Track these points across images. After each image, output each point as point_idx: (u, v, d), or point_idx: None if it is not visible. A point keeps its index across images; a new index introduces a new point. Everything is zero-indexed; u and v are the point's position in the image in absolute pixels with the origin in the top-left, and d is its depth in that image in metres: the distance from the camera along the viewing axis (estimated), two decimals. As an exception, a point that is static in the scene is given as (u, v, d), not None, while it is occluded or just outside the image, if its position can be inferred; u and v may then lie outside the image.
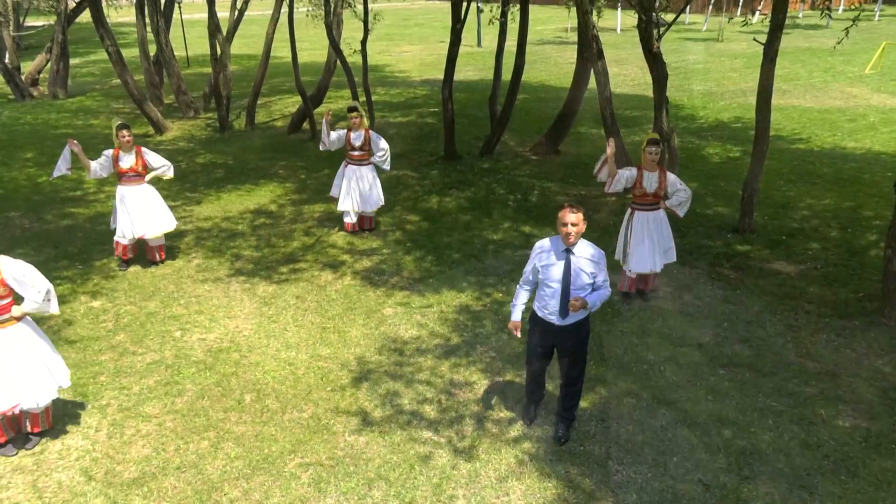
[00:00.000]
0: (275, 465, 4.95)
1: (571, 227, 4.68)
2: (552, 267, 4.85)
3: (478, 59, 25.03)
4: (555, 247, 4.88)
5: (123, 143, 7.73)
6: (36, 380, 5.01)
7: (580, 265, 4.79)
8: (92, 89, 20.74)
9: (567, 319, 4.90)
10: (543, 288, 4.93)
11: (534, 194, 10.67)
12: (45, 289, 4.99)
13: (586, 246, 4.87)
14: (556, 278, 4.83)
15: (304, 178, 11.67)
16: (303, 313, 7.11)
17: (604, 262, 4.91)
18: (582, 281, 4.80)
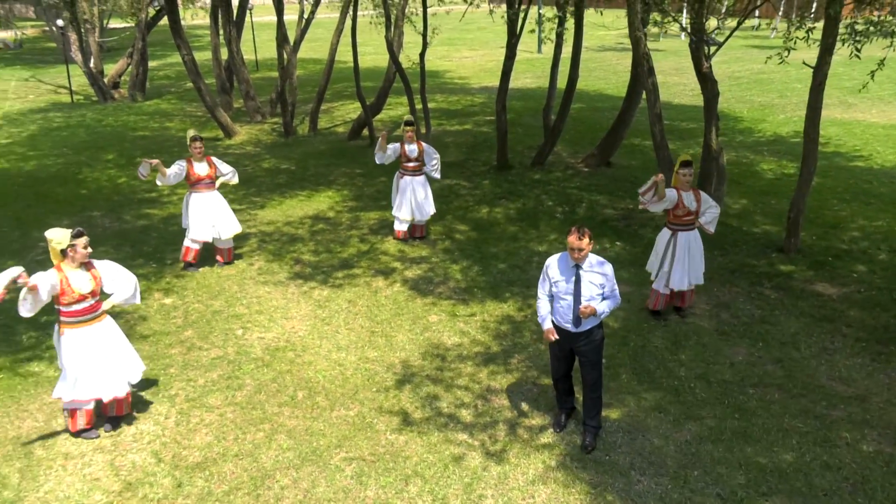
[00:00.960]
0: (322, 457, 5.43)
1: (578, 252, 5.11)
2: (563, 282, 5.27)
3: (537, 65, 25.23)
4: (565, 263, 5.30)
5: (196, 153, 8.37)
6: (125, 363, 5.66)
7: (589, 279, 5.21)
8: (168, 92, 21.93)
9: (581, 326, 5.29)
10: (557, 300, 5.36)
11: (582, 207, 10.93)
12: (134, 281, 5.69)
13: (595, 260, 5.29)
14: (567, 291, 5.25)
15: (361, 185, 12.22)
16: (354, 317, 7.61)
17: (611, 272, 5.32)
18: (592, 292, 5.22)
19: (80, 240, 5.32)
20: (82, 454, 5.50)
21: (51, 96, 21.48)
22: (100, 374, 5.51)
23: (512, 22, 11.81)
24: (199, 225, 8.53)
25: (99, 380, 5.51)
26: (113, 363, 5.58)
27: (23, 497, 5.06)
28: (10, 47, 33.94)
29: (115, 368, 5.59)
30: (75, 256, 5.33)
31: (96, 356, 5.50)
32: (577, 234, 5.10)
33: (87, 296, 5.37)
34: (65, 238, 5.27)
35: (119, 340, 5.73)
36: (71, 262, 5.35)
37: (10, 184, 12.48)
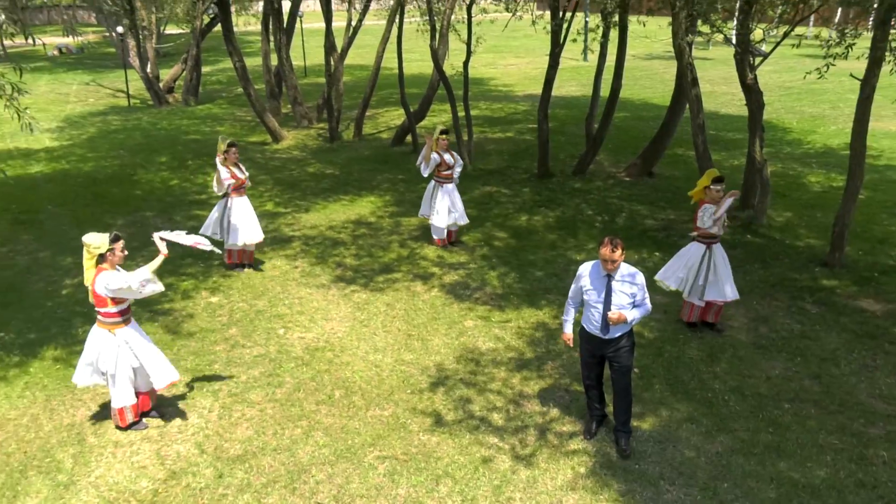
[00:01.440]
0: (356, 455, 5.60)
1: (611, 263, 5.18)
2: (594, 290, 5.35)
3: (582, 73, 25.16)
4: (597, 271, 5.38)
5: (234, 158, 8.63)
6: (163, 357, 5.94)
7: (620, 288, 5.27)
8: (219, 97, 22.60)
9: (610, 333, 5.34)
10: (588, 308, 5.43)
11: (621, 217, 10.92)
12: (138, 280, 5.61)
13: (627, 269, 5.35)
14: (598, 300, 5.32)
15: (403, 191, 12.44)
16: (391, 320, 7.78)
17: (643, 281, 5.36)
18: (623, 300, 5.28)
19: (118, 244, 5.56)
20: (131, 443, 5.78)
21: (109, 100, 22.37)
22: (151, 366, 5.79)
23: (555, 32, 11.88)
24: (240, 229, 8.78)
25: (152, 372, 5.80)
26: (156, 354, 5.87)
27: (75, 481, 5.36)
28: (72, 52, 35.41)
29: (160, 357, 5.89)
30: (114, 260, 5.58)
31: (146, 349, 5.78)
32: (611, 245, 5.17)
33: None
34: (104, 242, 5.49)
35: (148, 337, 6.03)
36: (109, 266, 5.60)
37: (70, 184, 13.08)
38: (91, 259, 5.54)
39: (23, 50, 36.96)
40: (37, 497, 5.21)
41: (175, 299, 8.32)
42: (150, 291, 5.60)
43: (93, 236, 5.51)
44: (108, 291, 5.51)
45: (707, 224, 6.96)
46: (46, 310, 8.12)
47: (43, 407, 6.28)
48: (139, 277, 5.49)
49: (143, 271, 5.52)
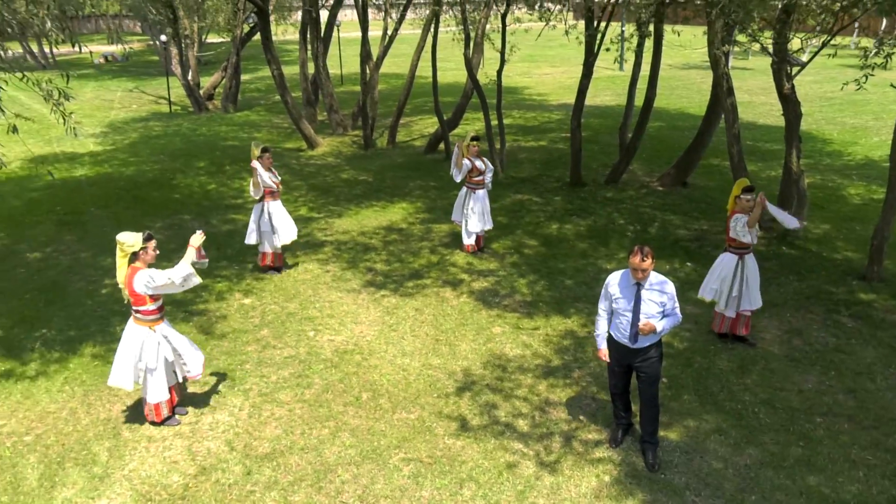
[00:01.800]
0: (382, 456, 5.66)
1: (641, 272, 5.15)
2: (623, 299, 5.32)
3: (618, 83, 25.03)
4: (626, 280, 5.35)
5: (268, 163, 8.79)
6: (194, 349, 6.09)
7: (650, 297, 5.23)
8: (257, 104, 23.04)
9: (639, 343, 5.31)
10: (617, 316, 5.41)
11: (654, 226, 10.84)
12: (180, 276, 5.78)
13: (657, 278, 5.31)
14: (627, 308, 5.29)
15: (435, 198, 12.52)
16: (420, 325, 7.85)
17: (673, 291, 5.32)
18: (652, 309, 5.25)
19: (150, 243, 5.72)
20: (164, 438, 5.93)
21: (151, 106, 22.97)
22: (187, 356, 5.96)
23: (588, 42, 11.88)
24: (279, 231, 8.96)
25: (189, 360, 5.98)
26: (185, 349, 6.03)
27: (110, 473, 5.52)
28: (117, 60, 36.44)
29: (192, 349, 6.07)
30: (146, 259, 5.74)
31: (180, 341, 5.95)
32: (640, 255, 5.15)
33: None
34: (137, 241, 5.66)
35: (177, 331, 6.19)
36: (142, 264, 5.76)
37: (112, 187, 13.46)
38: (124, 257, 5.71)
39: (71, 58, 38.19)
40: (73, 488, 5.37)
41: (209, 300, 8.50)
42: (191, 284, 5.76)
43: (127, 235, 5.68)
44: (150, 289, 5.68)
45: (740, 234, 6.88)
46: (86, 308, 8.37)
47: (81, 401, 6.48)
48: (181, 273, 5.65)
49: (183, 266, 5.67)
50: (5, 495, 5.31)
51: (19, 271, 9.51)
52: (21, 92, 22.38)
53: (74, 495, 5.30)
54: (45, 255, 10.02)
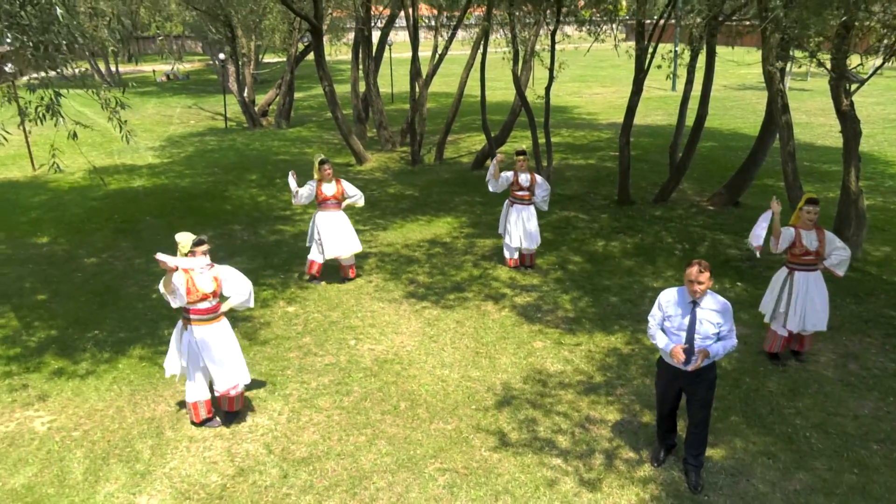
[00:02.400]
0: (417, 465, 5.62)
1: (698, 285, 4.95)
2: (678, 317, 5.12)
3: (669, 103, 24.73)
4: (681, 298, 5.15)
5: (325, 175, 8.96)
6: (239, 365, 6.14)
7: (706, 317, 5.02)
8: (309, 121, 23.52)
9: (692, 364, 5.10)
10: (669, 336, 5.20)
11: (703, 245, 10.59)
12: (249, 287, 6.17)
13: (712, 298, 5.09)
14: (681, 327, 5.10)
15: (480, 213, 12.52)
16: (460, 337, 7.81)
17: (730, 313, 5.10)
18: (707, 331, 5.03)
19: (199, 247, 5.84)
20: (204, 439, 6.02)
21: (208, 122, 23.68)
22: (216, 370, 6.00)
23: (639, 57, 11.77)
24: (324, 242, 9.09)
25: (215, 375, 6.02)
26: (227, 361, 6.04)
27: (151, 471, 5.62)
28: (178, 78, 37.79)
29: (228, 366, 6.04)
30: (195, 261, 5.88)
31: (215, 353, 6.00)
32: (698, 266, 4.96)
33: (209, 295, 5.90)
34: (187, 244, 5.83)
35: (234, 341, 6.18)
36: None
37: (167, 197, 13.88)
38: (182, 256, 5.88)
39: (135, 76, 39.73)
40: (115, 483, 5.49)
41: (254, 307, 8.61)
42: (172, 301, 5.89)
43: (183, 235, 5.88)
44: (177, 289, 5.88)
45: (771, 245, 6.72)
46: (137, 311, 8.60)
47: (127, 400, 6.64)
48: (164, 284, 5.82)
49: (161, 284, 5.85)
50: (52, 487, 5.45)
51: (77, 275, 9.85)
52: (87, 107, 23.41)
53: (116, 490, 5.41)
54: (101, 261, 10.36)
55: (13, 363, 7.36)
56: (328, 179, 9.02)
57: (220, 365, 6.01)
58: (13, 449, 5.92)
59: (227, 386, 6.04)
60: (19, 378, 7.06)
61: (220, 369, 6.00)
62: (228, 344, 6.10)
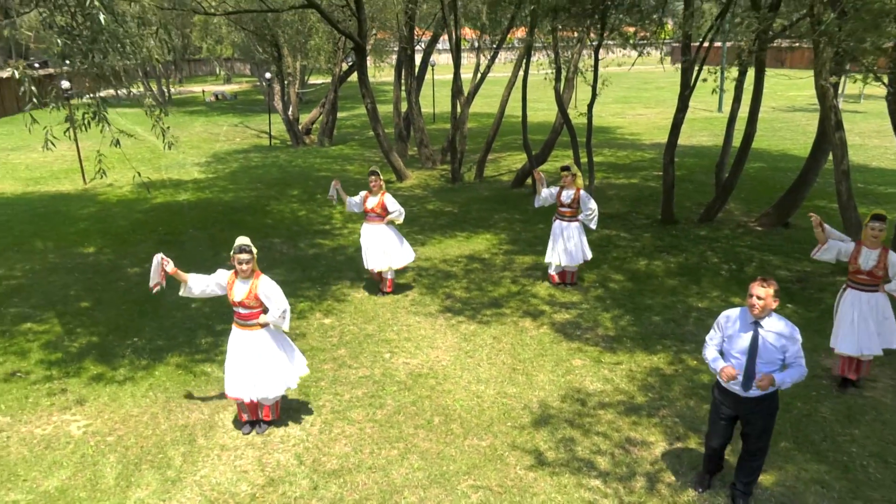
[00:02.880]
0: (450, 481, 5.45)
1: (757, 301, 4.67)
2: (738, 338, 4.84)
3: (715, 124, 24.29)
4: (743, 318, 4.86)
5: (371, 187, 8.95)
6: (270, 377, 6.06)
7: (768, 339, 4.72)
8: (351, 139, 23.77)
9: (751, 391, 4.82)
10: (728, 358, 4.91)
11: (751, 266, 10.23)
12: (283, 308, 5.93)
13: (778, 321, 4.78)
14: (741, 350, 4.81)
15: (519, 230, 12.37)
16: (497, 353, 7.64)
17: (797, 338, 4.77)
18: (770, 356, 4.72)
19: (238, 255, 5.80)
20: (236, 447, 5.96)
21: (253, 140, 24.13)
22: (247, 377, 5.96)
23: (685, 73, 11.54)
24: (370, 254, 9.06)
25: (246, 382, 5.97)
26: (260, 370, 5.97)
27: (182, 478, 5.57)
28: (226, 98, 38.74)
29: (261, 375, 5.97)
30: (236, 268, 5.87)
31: (246, 360, 5.96)
32: (761, 281, 4.68)
33: (237, 303, 5.87)
34: (234, 249, 5.82)
35: (270, 354, 6.04)
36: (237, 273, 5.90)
37: (210, 211, 14.09)
38: None
39: (185, 96, 40.90)
40: (147, 489, 5.45)
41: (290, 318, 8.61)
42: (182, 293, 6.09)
43: (239, 239, 5.84)
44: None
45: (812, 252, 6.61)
46: (176, 320, 8.66)
47: (162, 407, 6.64)
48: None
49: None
50: (84, 491, 5.44)
51: (119, 284, 10.00)
52: (138, 125, 24.10)
53: (147, 496, 5.37)
54: (143, 271, 10.50)
55: (54, 367, 7.46)
56: (374, 192, 9.00)
57: (251, 372, 5.98)
58: (48, 452, 5.95)
59: (258, 395, 6.00)
60: (59, 382, 7.14)
61: (251, 376, 5.97)
62: (263, 355, 6.03)
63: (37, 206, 14.80)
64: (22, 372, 7.37)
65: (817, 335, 7.61)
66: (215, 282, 5.95)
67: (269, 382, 6.02)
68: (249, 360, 5.98)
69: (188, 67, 58.57)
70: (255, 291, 5.89)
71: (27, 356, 7.74)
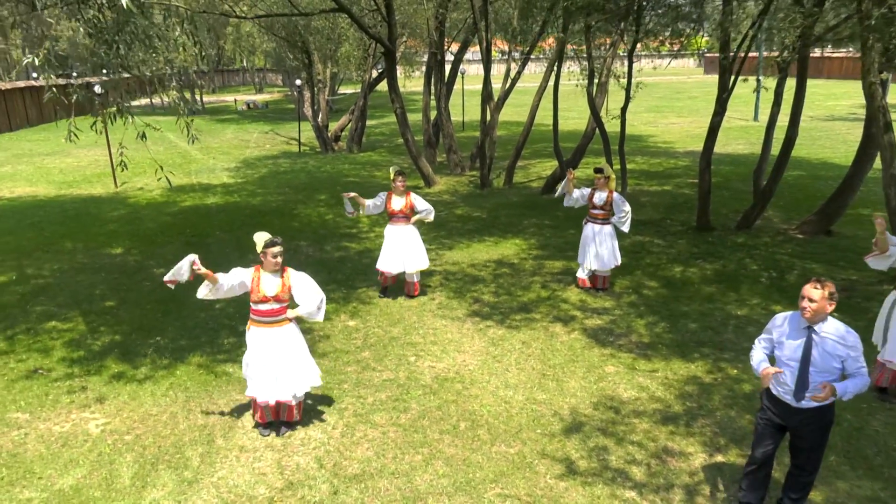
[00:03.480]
0: (476, 489, 5.18)
1: (809, 304, 4.33)
2: (790, 344, 4.50)
3: (751, 132, 23.76)
4: (796, 322, 4.51)
5: (399, 187, 8.76)
6: (297, 375, 5.88)
7: (824, 346, 4.37)
8: (380, 147, 23.72)
9: (804, 402, 4.47)
10: (780, 366, 4.56)
11: (793, 274, 9.81)
12: (320, 298, 5.87)
13: (836, 326, 4.42)
14: (793, 356, 4.47)
15: (549, 235, 12.08)
16: (526, 358, 7.36)
17: (859, 346, 4.41)
18: (826, 364, 4.37)
19: (270, 249, 5.65)
20: (255, 449, 5.76)
21: (283, 146, 24.21)
22: (272, 377, 5.78)
23: (723, 76, 11.18)
24: (388, 256, 8.88)
25: (271, 381, 5.80)
26: (285, 369, 5.81)
27: (199, 479, 5.39)
28: (258, 107, 39.12)
29: (286, 374, 5.81)
30: (266, 263, 5.70)
31: (275, 358, 5.78)
32: (815, 282, 4.32)
33: (270, 299, 5.70)
34: (260, 244, 5.66)
35: (297, 350, 5.92)
36: (264, 268, 5.73)
37: (238, 214, 14.05)
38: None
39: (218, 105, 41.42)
40: (163, 490, 5.27)
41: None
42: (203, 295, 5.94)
43: (259, 235, 5.71)
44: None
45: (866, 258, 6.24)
46: (199, 320, 8.54)
47: (182, 406, 6.48)
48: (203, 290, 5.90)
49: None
50: (99, 490, 5.28)
51: (145, 284, 9.94)
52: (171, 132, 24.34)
53: (163, 497, 5.19)
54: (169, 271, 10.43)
55: (76, 365, 7.36)
56: (399, 192, 8.82)
57: (280, 370, 5.81)
58: (65, 449, 5.82)
59: (283, 395, 5.81)
60: (80, 380, 7.04)
61: (279, 375, 5.80)
62: (292, 350, 5.88)
63: (68, 208, 14.92)
64: (44, 369, 7.29)
65: (865, 345, 7.18)
66: (239, 280, 5.79)
67: (299, 378, 5.89)
68: (278, 358, 5.82)
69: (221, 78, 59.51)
70: (287, 283, 5.74)
71: (50, 354, 7.66)
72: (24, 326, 8.45)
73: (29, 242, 12.26)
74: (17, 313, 8.90)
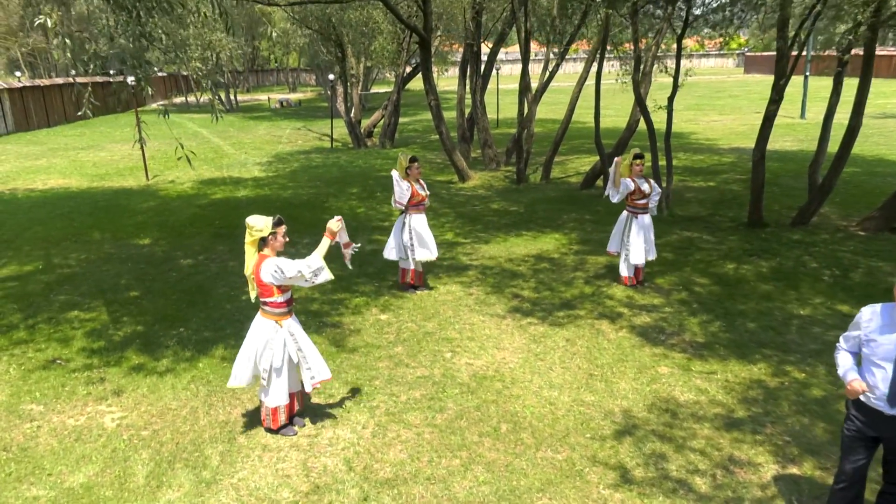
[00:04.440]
0: (521, 499, 4.66)
1: None
2: (883, 342, 3.87)
3: (799, 130, 22.80)
4: (889, 318, 3.88)
5: (415, 174, 8.26)
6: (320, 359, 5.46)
7: None
8: (413, 142, 23.32)
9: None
10: (868, 366, 3.95)
11: (857, 272, 9.08)
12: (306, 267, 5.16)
13: None
14: (886, 356, 3.85)
15: (590, 230, 11.50)
16: (570, 357, 6.81)
17: None
18: None
19: (280, 228, 5.21)
20: (279, 448, 5.32)
21: (315, 142, 23.95)
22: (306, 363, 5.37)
23: (780, 61, 10.48)
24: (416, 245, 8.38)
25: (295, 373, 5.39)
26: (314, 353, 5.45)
27: (218, 480, 4.96)
28: (291, 105, 39.11)
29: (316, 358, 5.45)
30: (275, 245, 5.24)
31: (303, 345, 5.38)
32: None
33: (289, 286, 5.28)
34: (267, 226, 5.16)
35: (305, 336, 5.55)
36: (271, 251, 5.27)
37: (268, 206, 13.72)
38: (252, 244, 5.27)
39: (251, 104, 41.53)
40: (178, 491, 4.86)
41: (345, 313, 8.01)
42: (321, 280, 5.20)
43: (256, 218, 5.21)
44: (277, 279, 5.17)
45: None
46: (225, 312, 8.17)
47: (203, 401, 6.08)
48: (313, 265, 5.11)
49: (315, 258, 5.13)
50: (111, 489, 4.89)
51: (171, 275, 9.62)
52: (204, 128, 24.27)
53: (178, 499, 4.77)
54: (196, 262, 10.12)
55: (95, 356, 7.02)
56: (415, 179, 8.33)
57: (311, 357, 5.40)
58: (78, 444, 5.45)
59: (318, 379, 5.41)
60: (98, 371, 6.69)
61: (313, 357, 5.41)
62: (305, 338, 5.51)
63: (99, 200, 14.76)
64: (62, 359, 6.96)
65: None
66: None
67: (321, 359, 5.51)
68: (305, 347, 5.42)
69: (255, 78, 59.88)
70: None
71: (70, 343, 7.34)
72: (45, 315, 8.16)
73: (58, 232, 12.07)
74: (41, 302, 8.63)
